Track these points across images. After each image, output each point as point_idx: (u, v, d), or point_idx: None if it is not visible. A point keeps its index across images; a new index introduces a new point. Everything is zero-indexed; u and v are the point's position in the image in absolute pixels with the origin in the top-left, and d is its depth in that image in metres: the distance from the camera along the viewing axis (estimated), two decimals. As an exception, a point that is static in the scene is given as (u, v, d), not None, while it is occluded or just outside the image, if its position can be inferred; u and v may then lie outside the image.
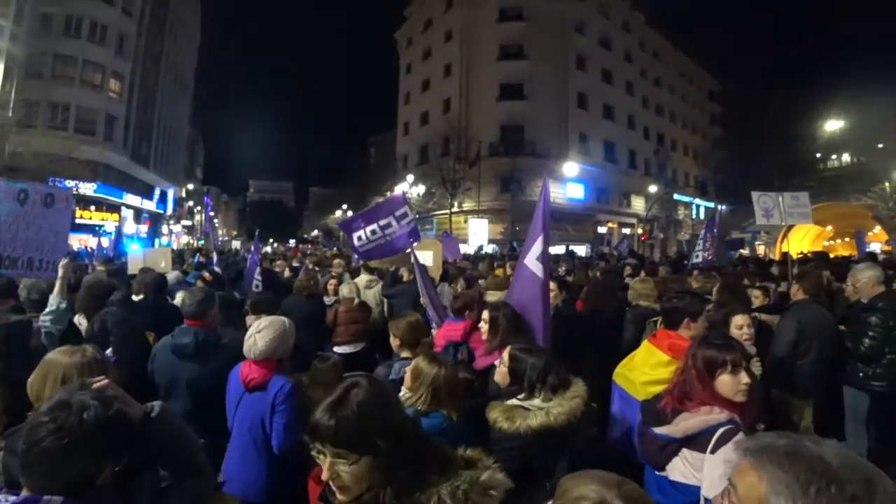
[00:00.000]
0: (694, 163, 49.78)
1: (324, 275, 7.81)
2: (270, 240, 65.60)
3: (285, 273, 9.42)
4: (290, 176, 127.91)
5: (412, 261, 5.27)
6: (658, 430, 2.12)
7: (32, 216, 3.60)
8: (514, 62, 36.36)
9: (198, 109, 53.63)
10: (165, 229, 42.83)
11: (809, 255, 12.67)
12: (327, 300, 6.34)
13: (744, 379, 2.01)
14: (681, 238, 38.54)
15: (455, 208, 33.66)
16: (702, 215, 46.40)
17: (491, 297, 4.92)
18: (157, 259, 8.68)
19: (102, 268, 7.55)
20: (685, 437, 2.03)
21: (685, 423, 2.04)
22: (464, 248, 28.64)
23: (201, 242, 44.13)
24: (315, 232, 70.73)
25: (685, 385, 2.11)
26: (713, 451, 1.90)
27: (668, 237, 39.47)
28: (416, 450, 1.24)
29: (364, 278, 7.07)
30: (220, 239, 56.08)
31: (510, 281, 5.81)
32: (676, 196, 43.15)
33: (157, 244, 30.41)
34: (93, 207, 29.61)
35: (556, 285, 4.69)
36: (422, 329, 3.55)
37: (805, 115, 39.18)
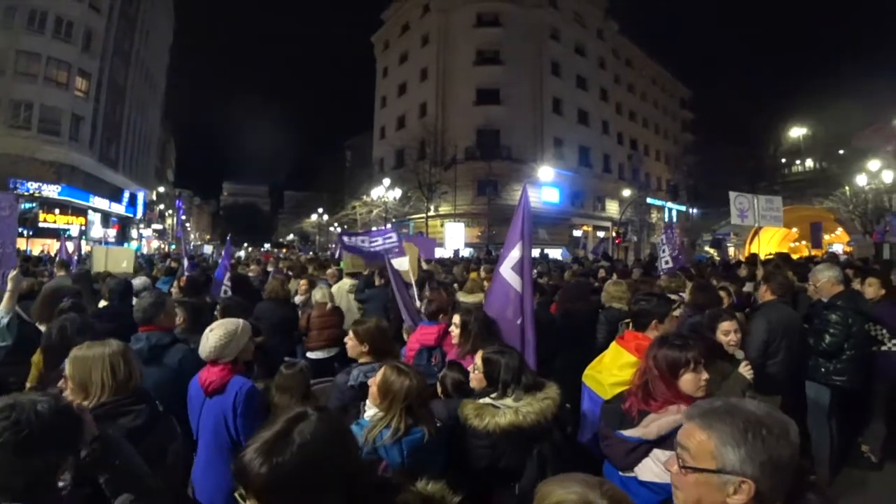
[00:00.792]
0: (666, 167, 50.98)
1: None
2: (245, 244, 64.54)
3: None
4: (264, 179, 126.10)
5: (386, 265, 5.25)
6: (627, 432, 2.10)
7: None
8: (491, 67, 36.66)
9: (169, 110, 52.34)
10: (135, 233, 41.61)
11: (773, 256, 13.08)
12: (298, 299, 6.27)
13: (704, 375, 2.05)
14: (654, 241, 39.36)
15: (431, 212, 33.65)
16: (674, 219, 47.53)
17: (472, 298, 4.93)
18: (119, 259, 8.55)
19: (63, 272, 7.26)
20: (657, 438, 2.05)
21: (657, 424, 2.04)
22: (440, 251, 28.71)
23: (173, 247, 43.06)
24: (290, 236, 69.81)
25: (647, 386, 2.11)
26: None
27: (641, 240, 40.22)
28: (367, 492, 1.05)
29: (347, 282, 6.98)
30: (192, 243, 54.88)
31: (484, 285, 5.84)
32: (649, 200, 44.08)
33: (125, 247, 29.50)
34: (57, 211, 28.54)
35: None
36: (388, 337, 3.30)
37: (771, 123, 40.69)
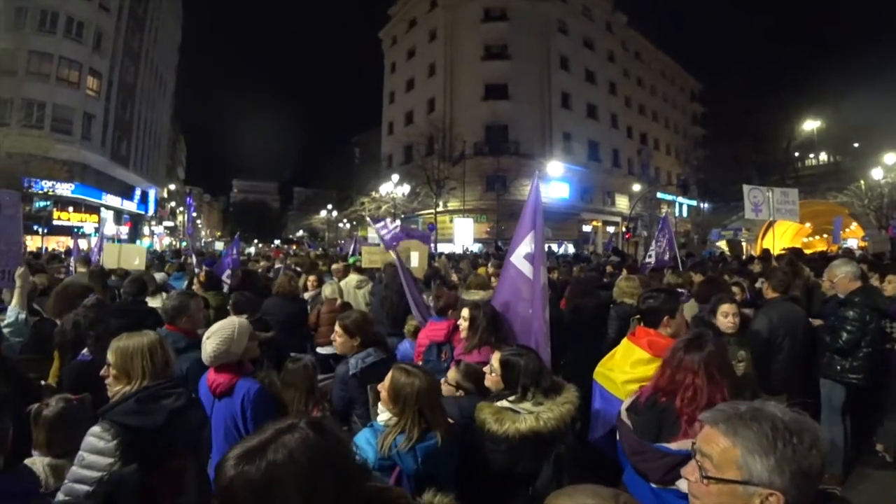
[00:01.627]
0: (676, 162, 50.49)
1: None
2: (255, 241, 64.94)
3: (271, 274, 9.32)
4: (274, 176, 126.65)
5: (395, 261, 5.25)
6: (674, 446, 1.94)
7: None
8: (498, 62, 36.49)
9: (179, 108, 52.81)
10: (147, 230, 42.02)
11: (785, 252, 12.92)
12: (307, 295, 6.32)
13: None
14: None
15: (440, 208, 33.63)
16: (685, 213, 47.09)
17: (473, 295, 4.90)
18: (131, 256, 8.64)
19: (84, 269, 7.36)
20: None
21: None
22: (449, 247, 28.70)
23: (184, 244, 43.49)
24: (300, 232, 70.12)
25: (699, 396, 1.99)
26: None
27: (651, 235, 39.93)
28: None
29: (354, 278, 6.99)
30: (203, 240, 55.34)
31: (492, 280, 5.82)
32: (659, 194, 43.70)
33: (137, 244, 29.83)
34: (71, 209, 28.88)
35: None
36: (373, 326, 3.41)
37: (783, 116, 40.08)
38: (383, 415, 2.16)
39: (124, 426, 1.90)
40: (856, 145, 33.87)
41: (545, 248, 3.66)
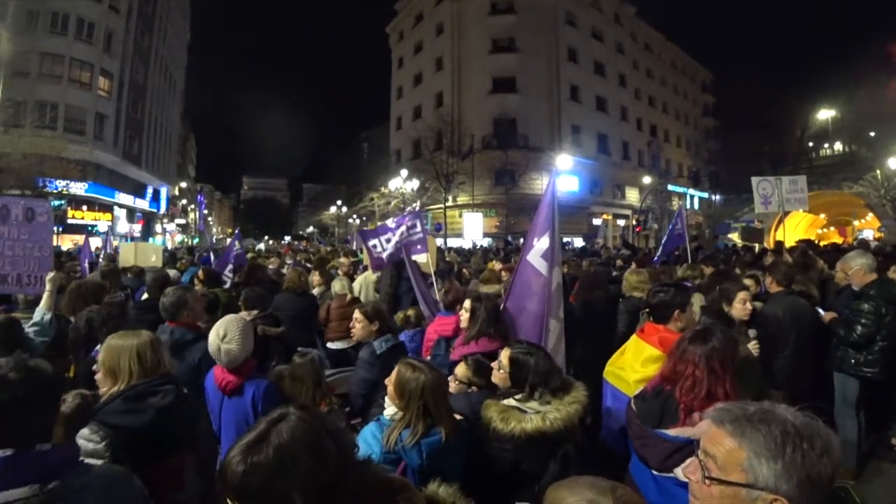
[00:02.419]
0: (687, 154, 49.93)
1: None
2: (265, 237, 65.39)
3: (284, 270, 9.38)
4: (283, 173, 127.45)
5: (403, 257, 5.26)
6: (672, 432, 1.99)
7: (16, 232, 3.62)
8: (506, 55, 36.23)
9: (189, 107, 53.21)
10: (159, 228, 42.53)
11: (798, 244, 12.73)
12: (314, 293, 6.35)
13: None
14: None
15: (449, 202, 33.60)
16: (696, 206, 46.60)
17: (489, 289, 4.91)
18: (147, 254, 8.80)
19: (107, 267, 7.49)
20: None
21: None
22: (458, 241, 28.70)
23: (196, 241, 43.91)
24: (310, 229, 70.51)
25: (697, 387, 2.02)
26: None
27: (662, 228, 39.59)
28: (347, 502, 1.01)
29: (371, 274, 6.98)
30: (214, 237, 55.81)
31: (502, 274, 5.82)
32: (670, 187, 43.27)
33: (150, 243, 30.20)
34: (84, 207, 29.33)
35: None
36: (384, 312, 3.68)
37: (797, 105, 39.33)
38: (389, 409, 2.18)
39: (113, 426, 1.91)
40: (872, 134, 33.15)
41: (561, 244, 3.63)
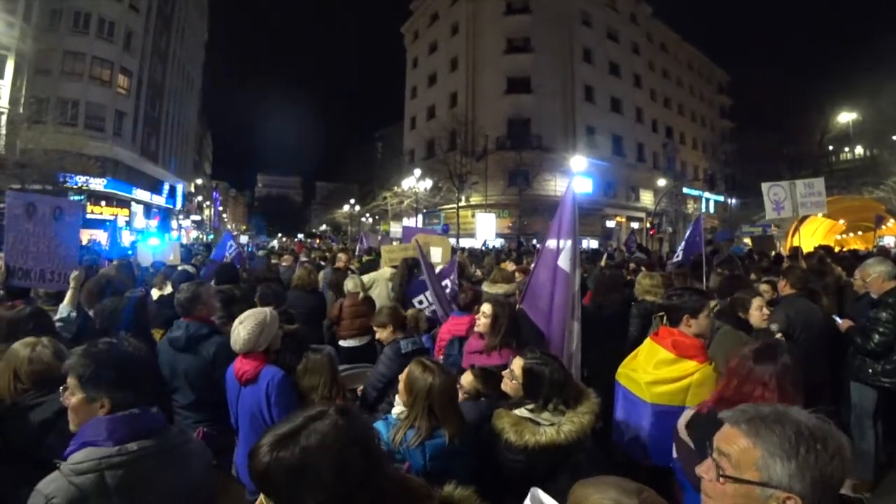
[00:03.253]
0: (703, 156, 49.31)
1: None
2: (279, 234, 65.89)
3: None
4: (297, 171, 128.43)
5: (411, 256, 5.30)
6: None
7: (42, 229, 3.66)
8: (521, 55, 36.11)
9: (205, 104, 53.90)
10: (175, 224, 43.09)
11: (815, 250, 12.51)
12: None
13: None
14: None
15: (462, 202, 33.59)
16: (711, 209, 45.99)
17: (497, 289, 4.89)
18: (165, 251, 8.99)
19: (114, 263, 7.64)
20: None
21: None
22: (470, 242, 28.68)
23: (210, 237, 44.41)
24: (323, 227, 70.94)
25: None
26: None
27: (677, 231, 39.15)
28: None
29: (387, 270, 6.99)
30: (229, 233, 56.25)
31: (516, 275, 5.81)
32: (685, 190, 42.75)
33: (166, 239, 30.61)
34: (103, 203, 29.85)
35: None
36: (400, 311, 3.85)
37: (817, 107, 38.64)
38: (398, 407, 2.20)
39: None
40: (895, 138, 32.45)
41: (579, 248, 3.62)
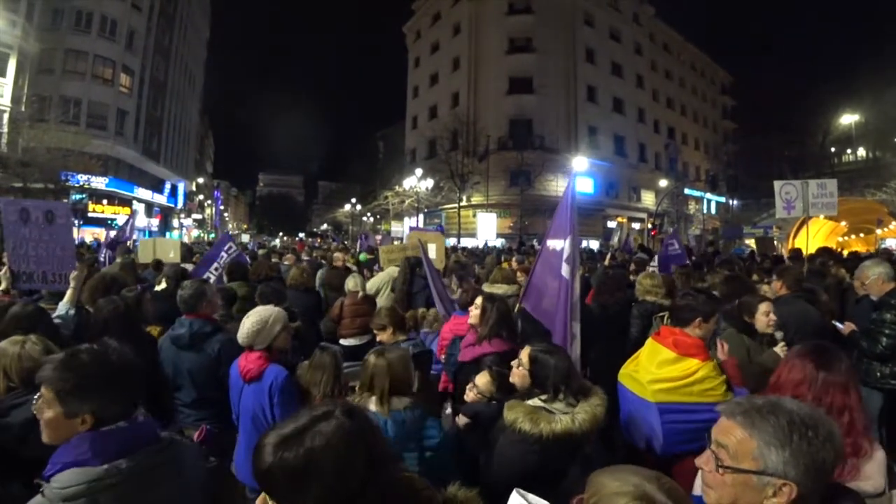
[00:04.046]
0: (705, 157, 49.27)
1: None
2: (280, 233, 65.94)
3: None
4: (299, 170, 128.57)
5: (412, 254, 5.29)
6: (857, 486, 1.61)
7: (38, 234, 3.81)
8: (523, 55, 36.09)
9: (207, 104, 53.95)
10: (176, 223, 43.15)
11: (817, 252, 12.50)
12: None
13: None
14: (691, 233, 38.19)
15: (463, 202, 33.58)
16: (713, 210, 45.92)
17: (497, 289, 4.88)
18: (166, 249, 8.95)
19: (120, 259, 7.63)
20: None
21: (876, 470, 1.66)
22: (471, 241, 28.66)
23: (212, 236, 44.47)
24: (324, 226, 70.97)
25: (856, 419, 1.71)
26: None
27: (678, 232, 39.10)
28: None
29: (393, 270, 6.96)
30: (230, 232, 56.42)
31: (518, 275, 5.79)
32: (687, 191, 42.68)
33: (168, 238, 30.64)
34: (105, 201, 29.89)
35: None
36: (398, 311, 3.86)
37: (819, 109, 38.57)
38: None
39: None
40: (897, 139, 32.39)
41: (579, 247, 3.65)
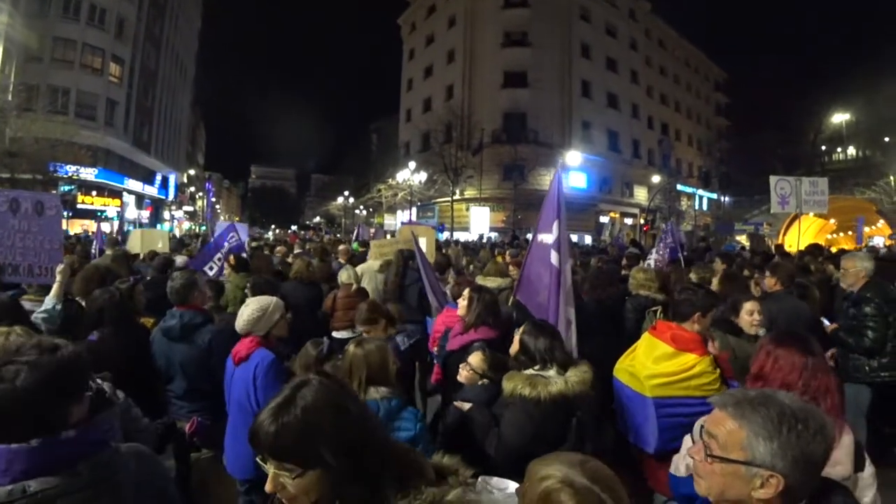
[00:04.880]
0: (698, 153, 49.53)
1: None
2: (272, 226, 65.60)
3: (289, 259, 9.41)
4: (292, 162, 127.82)
5: (405, 248, 5.29)
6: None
7: (27, 225, 3.74)
8: (518, 49, 36.01)
9: (199, 94, 53.30)
10: (167, 215, 42.74)
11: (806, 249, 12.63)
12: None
13: None
14: (683, 229, 38.43)
15: (457, 196, 33.55)
16: (705, 206, 46.25)
17: (491, 282, 4.89)
18: (155, 240, 8.88)
19: (110, 251, 7.54)
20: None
21: (845, 454, 1.68)
22: (465, 235, 28.67)
23: (203, 228, 44.12)
24: (317, 219, 70.64)
25: (836, 395, 1.77)
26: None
27: (674, 225, 39.30)
28: (374, 462, 1.11)
29: (376, 263, 6.94)
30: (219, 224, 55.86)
31: (510, 269, 5.80)
32: (680, 187, 42.98)
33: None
34: (94, 193, 29.52)
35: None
36: (379, 305, 3.79)
37: (811, 107, 38.90)
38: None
39: None
40: (887, 139, 32.72)
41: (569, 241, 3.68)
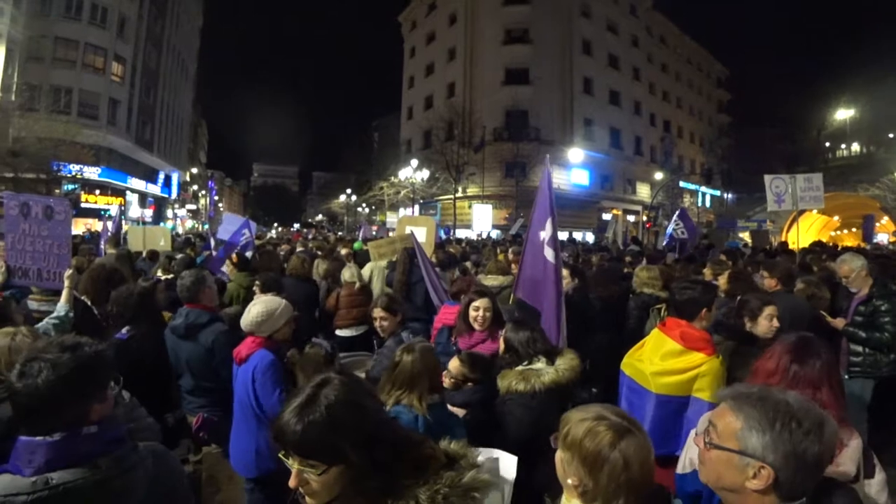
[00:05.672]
0: (700, 150, 49.31)
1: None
2: (275, 224, 65.73)
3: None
4: (293, 160, 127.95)
5: (409, 246, 5.30)
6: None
7: (37, 229, 3.77)
8: (520, 46, 35.86)
9: (201, 93, 53.37)
10: (170, 213, 42.84)
11: (810, 246, 12.59)
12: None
13: None
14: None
15: (459, 193, 33.51)
16: (707, 203, 46.10)
17: (492, 281, 4.90)
18: (156, 237, 8.83)
19: (113, 250, 7.55)
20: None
21: (849, 457, 1.66)
22: (467, 233, 28.66)
23: (206, 227, 44.20)
24: (319, 216, 70.69)
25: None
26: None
27: (687, 212, 39.18)
28: (391, 455, 1.16)
29: (382, 261, 6.95)
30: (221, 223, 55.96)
31: (512, 266, 5.81)
32: (682, 184, 42.79)
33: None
34: (97, 192, 29.59)
35: (568, 272, 4.56)
36: (399, 300, 3.85)
37: (814, 104, 38.78)
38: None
39: None
40: (891, 136, 32.58)
41: (564, 236, 3.73)
